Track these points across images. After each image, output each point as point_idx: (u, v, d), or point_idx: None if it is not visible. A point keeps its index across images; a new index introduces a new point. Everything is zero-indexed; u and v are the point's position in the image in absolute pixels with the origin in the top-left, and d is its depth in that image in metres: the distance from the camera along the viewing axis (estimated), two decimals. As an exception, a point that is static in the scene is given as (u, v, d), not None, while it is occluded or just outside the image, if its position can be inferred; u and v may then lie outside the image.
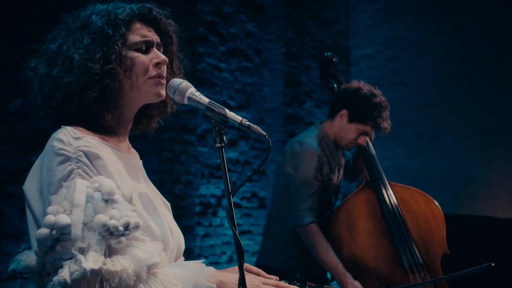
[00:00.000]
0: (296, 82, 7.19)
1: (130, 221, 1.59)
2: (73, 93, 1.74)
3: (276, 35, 7.06)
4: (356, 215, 3.60)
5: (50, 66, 1.78)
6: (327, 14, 8.03)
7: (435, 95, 7.57)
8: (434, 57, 7.60)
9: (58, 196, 1.58)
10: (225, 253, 6.22)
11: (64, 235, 1.53)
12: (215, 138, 1.74)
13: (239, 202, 6.50)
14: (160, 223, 1.83)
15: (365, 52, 8.32)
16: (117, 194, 1.62)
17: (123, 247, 1.59)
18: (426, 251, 3.53)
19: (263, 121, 7.00)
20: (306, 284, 1.99)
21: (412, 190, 3.71)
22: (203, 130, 6.05)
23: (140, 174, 1.96)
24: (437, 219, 3.60)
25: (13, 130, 4.21)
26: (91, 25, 1.78)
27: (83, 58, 1.73)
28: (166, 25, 1.94)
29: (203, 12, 6.18)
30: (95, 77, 1.73)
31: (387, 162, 7.81)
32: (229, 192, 1.70)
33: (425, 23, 7.70)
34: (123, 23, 1.79)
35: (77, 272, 1.49)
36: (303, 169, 3.57)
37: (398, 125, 7.75)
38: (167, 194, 5.42)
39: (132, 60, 1.81)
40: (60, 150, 1.64)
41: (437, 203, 3.66)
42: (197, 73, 6.00)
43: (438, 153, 7.46)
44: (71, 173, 1.62)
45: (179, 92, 1.83)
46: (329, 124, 3.73)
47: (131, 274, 1.55)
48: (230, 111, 1.76)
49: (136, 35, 1.83)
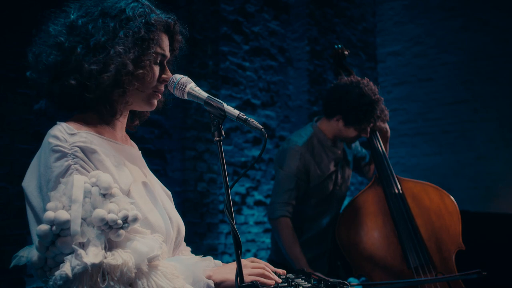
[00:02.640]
0: (321, 80, 7.17)
1: (129, 214, 1.61)
2: (101, 84, 1.74)
3: (300, 34, 7.06)
4: (366, 213, 3.56)
5: (74, 41, 1.76)
6: (352, 12, 8.00)
7: (463, 92, 7.47)
8: (462, 53, 7.50)
9: (57, 192, 1.60)
10: (249, 250, 6.25)
11: (64, 231, 1.56)
12: (214, 132, 1.75)
13: (264, 200, 6.53)
14: (161, 211, 1.86)
15: (392, 49, 8.25)
16: (114, 188, 1.65)
17: (123, 241, 1.62)
18: (438, 248, 3.44)
19: (288, 119, 7.01)
20: (311, 276, 2.00)
21: (425, 185, 3.63)
22: (226, 129, 6.09)
23: (138, 164, 1.98)
24: (451, 214, 3.49)
25: (38, 129, 4.31)
26: (129, 21, 1.79)
27: (121, 55, 1.75)
28: (179, 40, 1.99)
29: (226, 12, 6.23)
30: (128, 77, 1.77)
31: (415, 160, 7.74)
32: (227, 185, 1.71)
33: (453, 19, 7.60)
34: (156, 30, 1.83)
35: (78, 267, 1.51)
36: (286, 166, 3.62)
37: (426, 122, 7.68)
38: (190, 192, 5.50)
39: (154, 70, 1.87)
40: (57, 146, 1.66)
41: (452, 197, 3.53)
42: (220, 72, 6.04)
43: (466, 151, 7.36)
44: (68, 169, 1.64)
45: (179, 88, 1.86)
46: (326, 123, 3.73)
47: (132, 267, 1.58)
48: (228, 105, 1.77)
49: (160, 47, 1.87)
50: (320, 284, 1.88)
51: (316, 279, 1.97)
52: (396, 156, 7.80)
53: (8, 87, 4.08)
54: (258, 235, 6.39)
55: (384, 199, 3.56)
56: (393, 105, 7.93)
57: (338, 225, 3.55)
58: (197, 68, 5.70)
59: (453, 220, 3.47)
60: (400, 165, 7.84)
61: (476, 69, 7.34)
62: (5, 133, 4.11)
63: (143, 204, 1.80)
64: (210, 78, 5.80)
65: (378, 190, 3.61)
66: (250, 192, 6.38)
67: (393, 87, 8.15)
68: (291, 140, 3.74)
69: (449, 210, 3.50)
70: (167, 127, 5.58)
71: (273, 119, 6.82)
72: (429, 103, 7.73)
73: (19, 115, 4.12)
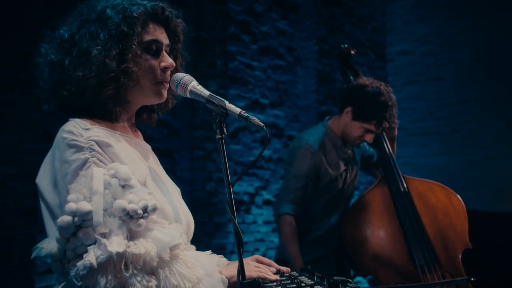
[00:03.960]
0: (330, 80, 7.17)
1: (148, 204, 1.64)
2: (89, 88, 1.77)
3: (308, 33, 7.07)
4: (371, 212, 3.56)
5: (62, 54, 1.81)
6: (361, 11, 7.99)
7: (472, 91, 7.43)
8: (471, 52, 7.46)
9: (78, 184, 1.62)
10: (258, 249, 6.26)
11: (85, 222, 1.58)
12: (216, 129, 1.77)
13: (273, 199, 6.53)
14: (172, 205, 1.88)
15: (401, 49, 8.23)
16: (133, 179, 1.67)
17: (143, 230, 1.64)
18: (445, 247, 3.44)
19: (297, 119, 7.01)
20: (314, 274, 2.02)
21: (431, 184, 3.62)
22: (235, 128, 6.10)
23: (150, 157, 2.00)
24: (458, 213, 3.48)
25: (47, 129, 4.34)
26: (107, 20, 1.80)
27: (100, 54, 1.76)
28: (176, 24, 1.97)
29: (234, 12, 6.24)
30: (111, 75, 1.78)
31: (424, 160, 7.72)
32: (229, 183, 1.73)
33: (462, 18, 7.57)
34: (138, 21, 1.82)
35: (102, 256, 1.53)
36: (296, 164, 3.61)
37: (435, 122, 7.65)
38: (199, 191, 5.52)
39: (144, 60, 1.85)
40: (72, 141, 1.68)
41: (459, 196, 3.53)
42: (229, 72, 6.06)
43: (475, 150, 7.32)
44: (86, 162, 1.66)
45: (182, 86, 1.87)
46: (336, 120, 3.72)
47: (154, 256, 1.60)
48: (230, 103, 1.78)
49: (149, 36, 1.86)
50: (323, 281, 1.89)
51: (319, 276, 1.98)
52: (405, 155, 7.78)
53: (17, 87, 4.12)
54: (267, 234, 6.40)
55: (390, 197, 3.55)
56: (402, 104, 7.90)
57: (344, 223, 3.55)
58: (206, 68, 5.73)
59: (460, 218, 3.46)
60: (409, 165, 7.82)
61: (486, 67, 7.30)
62: (15, 133, 4.15)
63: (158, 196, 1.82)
64: (219, 78, 5.82)
65: (384, 189, 3.61)
66: (259, 191, 6.40)
67: (402, 87, 8.13)
68: (303, 138, 3.72)
69: (455, 209, 3.49)
70: (176, 126, 5.60)
71: (282, 118, 6.82)
72: (438, 102, 7.70)
73: (28, 115, 4.16)
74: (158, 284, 1.61)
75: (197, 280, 1.68)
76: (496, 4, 7.29)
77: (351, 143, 3.72)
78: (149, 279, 1.60)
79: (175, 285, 1.63)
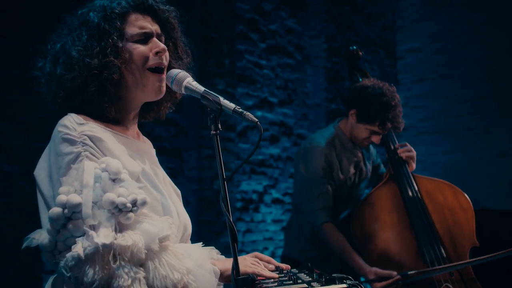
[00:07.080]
0: (339, 78, 7.14)
1: (137, 198, 1.66)
2: (75, 88, 1.83)
3: (317, 31, 7.04)
4: (380, 209, 3.56)
5: (54, 65, 1.88)
6: (371, 9, 7.94)
7: (484, 88, 7.35)
8: (482, 48, 7.38)
9: (69, 177, 1.66)
10: (267, 248, 6.25)
11: (75, 214, 1.61)
12: (210, 125, 1.78)
13: (282, 198, 6.52)
14: (166, 202, 1.90)
15: (412, 46, 8.17)
16: (123, 173, 1.70)
17: (133, 223, 1.66)
18: (453, 245, 3.44)
19: (306, 117, 6.99)
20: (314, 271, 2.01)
21: (439, 182, 3.63)
22: (244, 127, 6.09)
23: (148, 159, 2.02)
24: (465, 211, 3.49)
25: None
26: (89, 22, 1.87)
27: (81, 54, 1.82)
28: (163, 11, 1.99)
29: (242, 10, 6.23)
30: (93, 71, 1.81)
31: (436, 158, 7.65)
32: (223, 178, 1.74)
33: (473, 14, 7.49)
34: (117, 16, 1.86)
35: (89, 247, 1.56)
36: (311, 169, 3.60)
37: (447, 119, 7.58)
38: (207, 190, 5.52)
39: (130, 51, 1.87)
40: (66, 135, 1.73)
41: (466, 195, 3.53)
42: (237, 70, 6.05)
43: (488, 148, 7.24)
44: (78, 156, 1.71)
45: (177, 82, 1.88)
46: (345, 122, 3.73)
47: (142, 248, 1.62)
48: (225, 99, 1.78)
49: (134, 27, 1.89)
50: (320, 278, 1.88)
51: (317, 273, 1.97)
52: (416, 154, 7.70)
53: (24, 87, 4.13)
54: (276, 233, 6.39)
55: (399, 195, 3.57)
56: (413, 102, 7.84)
57: (352, 220, 3.56)
58: (213, 67, 5.73)
59: (467, 217, 3.48)
60: (421, 163, 7.73)
61: (497, 64, 7.22)
62: (22, 132, 4.18)
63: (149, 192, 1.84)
64: (227, 77, 5.82)
65: (393, 186, 3.62)
66: (268, 190, 6.38)
67: (413, 84, 8.07)
68: (314, 140, 3.72)
69: (463, 207, 3.51)
70: (184, 125, 5.61)
71: (291, 117, 6.80)
72: (450, 100, 7.63)
73: (35, 114, 4.18)
74: (146, 276, 1.62)
75: (187, 271, 1.69)
76: (507, 0, 7.20)
77: (359, 145, 3.73)
78: (137, 271, 1.61)
79: (164, 276, 1.64)
